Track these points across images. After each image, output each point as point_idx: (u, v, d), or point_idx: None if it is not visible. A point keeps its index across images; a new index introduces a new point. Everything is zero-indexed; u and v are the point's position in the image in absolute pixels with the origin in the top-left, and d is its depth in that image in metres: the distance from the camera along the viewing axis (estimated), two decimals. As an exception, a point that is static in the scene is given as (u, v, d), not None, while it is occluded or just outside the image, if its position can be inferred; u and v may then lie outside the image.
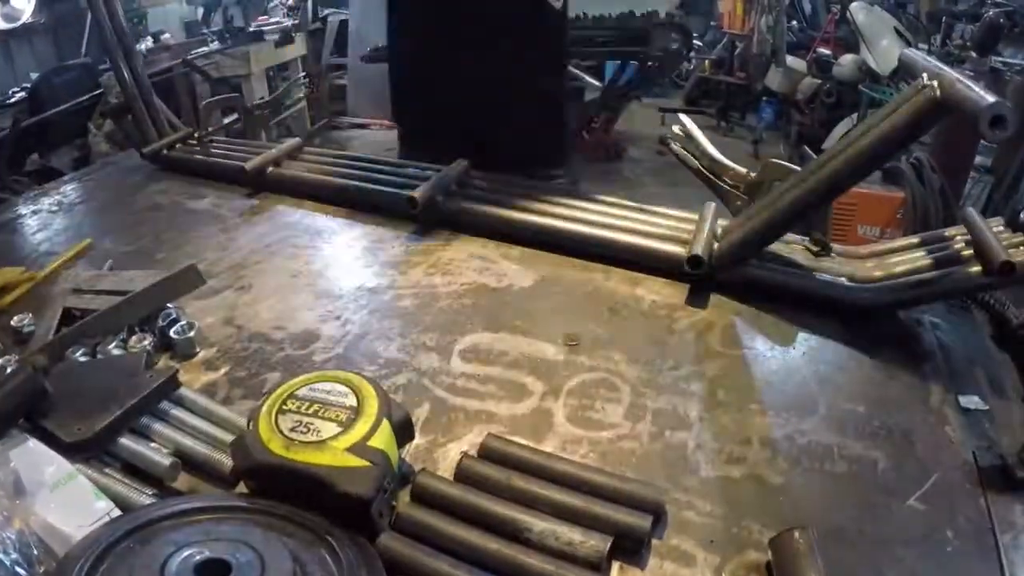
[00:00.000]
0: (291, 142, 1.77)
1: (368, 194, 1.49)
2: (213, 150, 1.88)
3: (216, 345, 1.09)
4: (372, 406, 0.80)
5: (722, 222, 1.26)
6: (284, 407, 0.80)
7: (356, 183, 1.52)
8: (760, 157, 6.76)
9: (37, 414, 0.90)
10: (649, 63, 6.89)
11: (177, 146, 1.96)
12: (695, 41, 7.29)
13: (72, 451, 0.84)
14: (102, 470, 0.84)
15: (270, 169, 1.66)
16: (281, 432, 0.77)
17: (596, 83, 9.09)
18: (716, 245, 1.17)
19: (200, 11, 8.49)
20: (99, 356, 1.05)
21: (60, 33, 8.00)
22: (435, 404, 0.94)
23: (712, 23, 9.83)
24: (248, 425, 0.80)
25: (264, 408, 0.80)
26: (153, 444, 0.87)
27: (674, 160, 1.57)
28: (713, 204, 1.30)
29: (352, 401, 0.81)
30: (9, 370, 1.03)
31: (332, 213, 1.52)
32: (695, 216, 1.29)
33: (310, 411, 0.80)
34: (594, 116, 7.38)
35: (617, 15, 6.77)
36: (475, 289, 1.18)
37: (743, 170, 1.35)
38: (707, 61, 8.68)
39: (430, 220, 1.41)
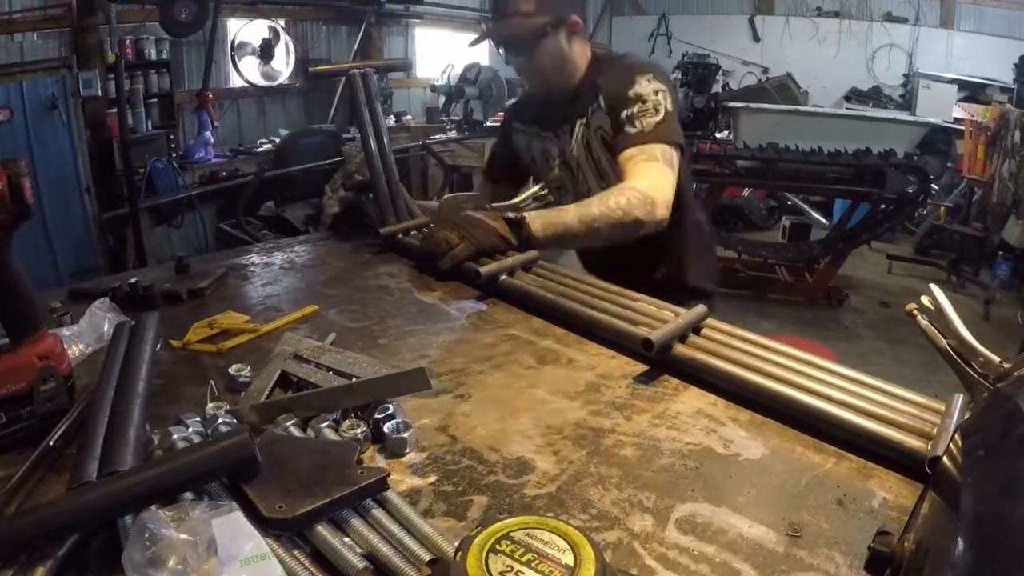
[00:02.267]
0: (528, 254, 1.79)
1: (599, 324, 1.47)
2: (449, 244, 1.94)
3: (427, 451, 1.08)
4: (589, 571, 0.75)
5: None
6: (497, 546, 0.77)
7: (588, 310, 1.51)
8: (991, 321, 6.28)
9: (241, 477, 0.91)
10: (883, 206, 6.61)
11: (412, 232, 2.04)
12: (932, 185, 6.94)
13: (267, 526, 0.85)
14: (291, 551, 0.84)
15: (503, 277, 1.69)
16: (489, 573, 0.73)
17: (824, 220, 8.87)
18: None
19: (442, 99, 9.08)
20: (309, 431, 1.07)
21: (311, 98, 8.87)
22: (643, 573, 0.87)
23: (949, 164, 9.32)
24: (455, 555, 0.77)
25: (477, 541, 0.77)
26: (348, 540, 0.86)
27: (897, 314, 1.45)
28: (962, 396, 1.18)
29: (569, 560, 0.76)
30: (221, 420, 1.06)
31: (560, 337, 1.51)
32: (941, 406, 1.17)
33: (524, 559, 0.76)
34: (818, 257, 7.12)
35: (853, 151, 6.58)
36: (700, 451, 1.12)
37: (995, 358, 1.21)
38: (942, 208, 8.21)
39: (660, 364, 1.37)
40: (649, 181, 1.90)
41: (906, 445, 1.09)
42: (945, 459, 0.90)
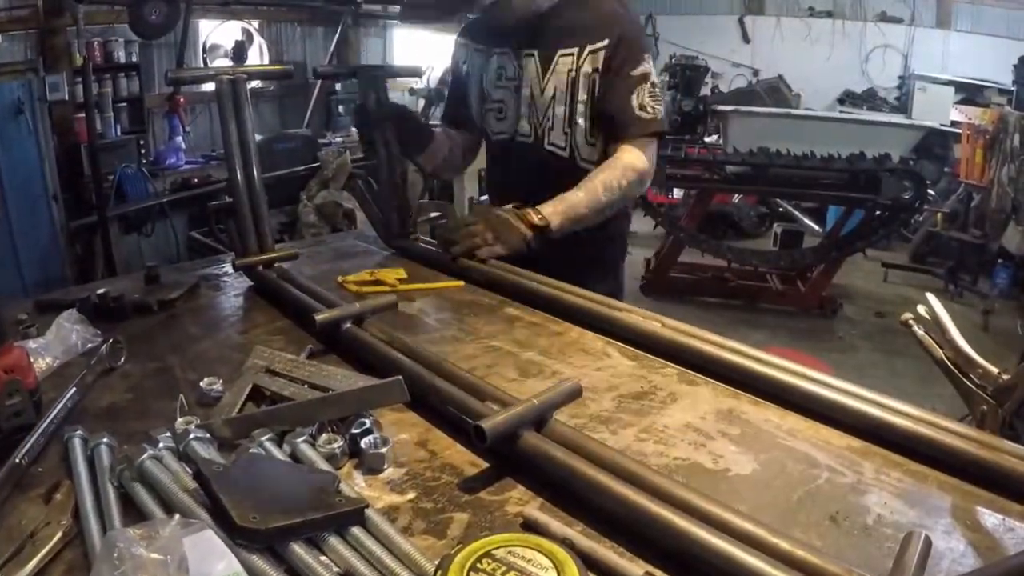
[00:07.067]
0: (384, 299, 1.64)
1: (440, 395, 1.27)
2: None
3: (406, 467, 1.09)
4: (572, 588, 0.76)
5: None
6: (478, 565, 0.78)
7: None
8: (989, 331, 6.30)
9: (217, 484, 0.92)
10: (878, 212, 6.64)
11: (276, 265, 1.89)
12: (928, 191, 6.98)
13: (238, 535, 0.85)
14: (266, 571, 0.83)
15: (347, 325, 1.50)
16: (470, 592, 0.74)
17: (816, 227, 8.89)
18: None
19: (421, 103, 9.05)
20: (285, 446, 1.07)
21: (285, 102, 8.82)
22: (629, 591, 0.88)
23: (946, 169, 9.34)
24: (436, 574, 0.78)
25: (457, 560, 0.78)
26: (324, 559, 0.86)
27: (893, 325, 1.46)
28: None
29: (552, 578, 0.77)
30: (192, 436, 1.05)
31: (544, 349, 1.52)
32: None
33: (505, 578, 0.76)
34: (811, 265, 7.13)
35: (847, 156, 6.61)
36: (689, 467, 1.12)
37: (994, 370, 1.23)
38: (939, 214, 8.23)
39: (651, 371, 1.40)
40: (647, 164, 2.10)
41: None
42: None
